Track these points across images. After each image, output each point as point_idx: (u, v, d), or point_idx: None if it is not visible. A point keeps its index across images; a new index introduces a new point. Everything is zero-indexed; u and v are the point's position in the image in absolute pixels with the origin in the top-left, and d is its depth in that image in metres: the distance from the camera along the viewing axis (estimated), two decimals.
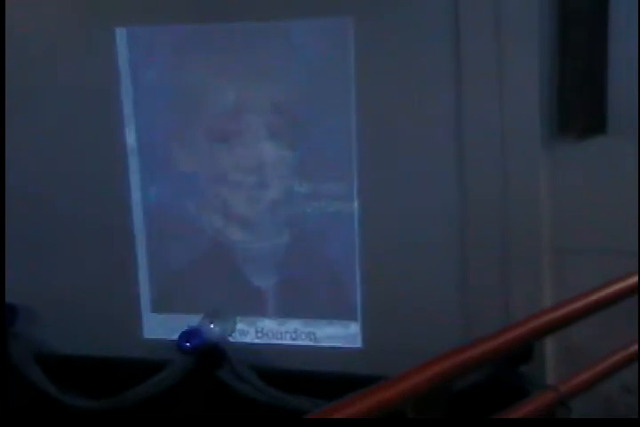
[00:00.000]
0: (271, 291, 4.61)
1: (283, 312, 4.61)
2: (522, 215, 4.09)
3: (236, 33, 4.38)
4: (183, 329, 4.53)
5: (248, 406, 4.39)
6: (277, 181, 4.47)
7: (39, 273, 4.84)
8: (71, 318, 4.80)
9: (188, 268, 4.70)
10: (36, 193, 4.78)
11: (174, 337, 4.53)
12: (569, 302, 2.22)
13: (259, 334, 4.64)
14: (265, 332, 4.64)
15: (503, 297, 4.12)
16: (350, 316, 4.53)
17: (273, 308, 4.63)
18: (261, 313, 4.63)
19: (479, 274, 4.18)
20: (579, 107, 3.89)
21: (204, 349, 4.46)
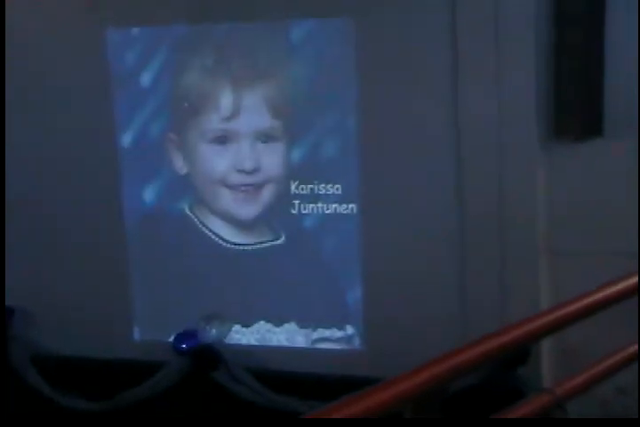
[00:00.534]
0: (268, 293, 4.59)
1: (279, 314, 4.60)
2: (519, 217, 4.09)
3: (235, 33, 4.37)
4: (179, 331, 4.53)
5: (244, 407, 4.39)
6: (275, 183, 4.46)
7: (35, 276, 4.84)
8: (68, 320, 4.79)
9: (183, 270, 4.69)
10: (34, 197, 4.78)
11: (170, 339, 4.53)
12: (566, 303, 2.21)
13: (255, 336, 4.64)
14: (261, 334, 4.63)
15: (501, 299, 4.12)
16: (347, 318, 4.52)
17: (270, 310, 4.62)
18: (258, 315, 4.62)
19: (477, 276, 4.17)
20: (575, 108, 3.89)
21: (199, 350, 4.45)
